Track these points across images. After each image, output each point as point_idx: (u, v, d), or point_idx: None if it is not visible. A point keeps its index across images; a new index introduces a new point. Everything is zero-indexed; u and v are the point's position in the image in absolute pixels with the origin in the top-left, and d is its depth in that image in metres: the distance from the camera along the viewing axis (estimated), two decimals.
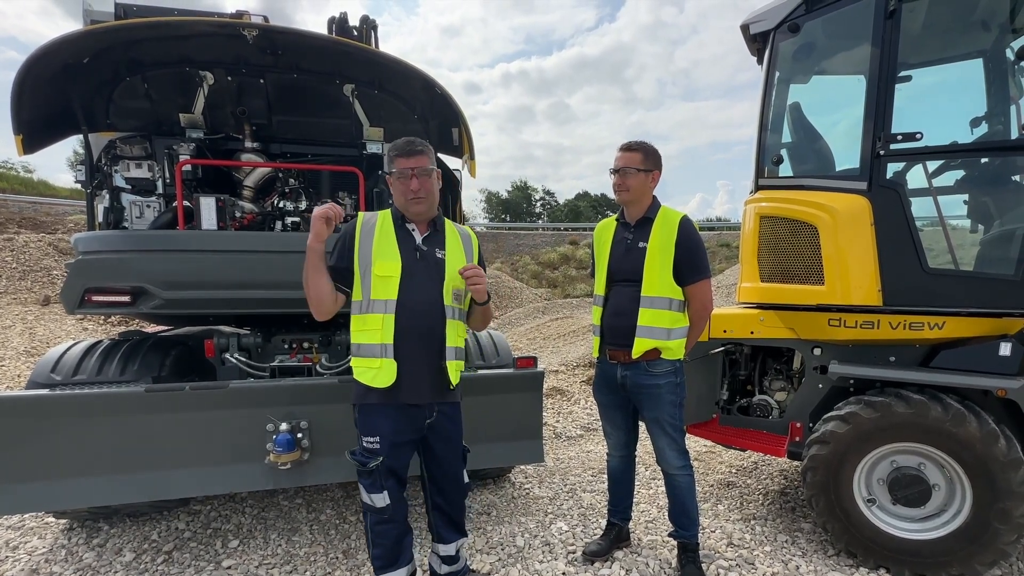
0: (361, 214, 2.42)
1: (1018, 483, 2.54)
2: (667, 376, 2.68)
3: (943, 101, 3.67)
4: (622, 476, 3.07)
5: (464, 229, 2.61)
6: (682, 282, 2.66)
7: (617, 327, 2.73)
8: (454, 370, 2.41)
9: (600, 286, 2.84)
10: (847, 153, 3.15)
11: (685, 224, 2.66)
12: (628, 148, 2.71)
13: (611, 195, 2.82)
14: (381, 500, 2.33)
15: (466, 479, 2.59)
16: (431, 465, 2.53)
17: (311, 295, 2.31)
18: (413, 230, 2.41)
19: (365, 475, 2.32)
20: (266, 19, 3.26)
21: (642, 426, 2.95)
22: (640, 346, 2.64)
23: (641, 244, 2.68)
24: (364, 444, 2.32)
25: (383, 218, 2.41)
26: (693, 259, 2.65)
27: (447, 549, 2.61)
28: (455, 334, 2.42)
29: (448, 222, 2.55)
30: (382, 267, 2.30)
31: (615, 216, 2.90)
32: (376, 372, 2.27)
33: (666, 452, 2.76)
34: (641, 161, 2.68)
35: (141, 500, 2.92)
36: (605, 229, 2.90)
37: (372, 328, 2.29)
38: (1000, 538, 2.58)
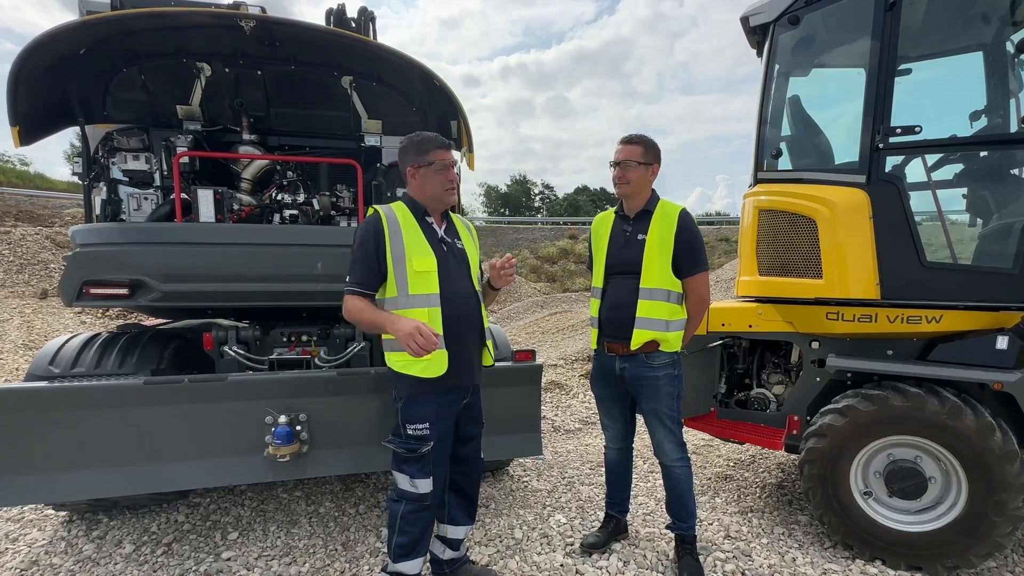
0: (379, 209, 2.38)
1: (1013, 475, 2.56)
2: (665, 368, 2.69)
3: (943, 94, 3.67)
4: (620, 469, 3.08)
5: (465, 219, 2.69)
6: (680, 274, 2.67)
7: (615, 319, 2.73)
8: (491, 348, 2.56)
9: (598, 278, 2.85)
10: (846, 146, 3.15)
11: (684, 217, 2.67)
12: (629, 141, 2.72)
13: (611, 189, 2.82)
14: (426, 486, 2.36)
15: (482, 455, 2.69)
16: (459, 446, 2.58)
17: (362, 326, 2.41)
18: (432, 223, 2.44)
19: (413, 461, 2.35)
20: (263, 10, 3.24)
21: (640, 419, 2.97)
22: (639, 338, 2.64)
23: (640, 236, 2.69)
24: (410, 431, 2.34)
25: (402, 212, 2.40)
26: (692, 252, 2.65)
27: (456, 532, 2.64)
28: (486, 316, 2.53)
29: (451, 213, 2.61)
30: (420, 262, 2.31)
31: (613, 209, 2.90)
32: (427, 364, 2.30)
33: (664, 444, 2.77)
34: (641, 154, 2.69)
35: (140, 492, 2.92)
36: (603, 222, 2.91)
37: None
38: (995, 530, 2.60)
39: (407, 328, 2.15)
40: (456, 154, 3.84)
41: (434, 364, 2.30)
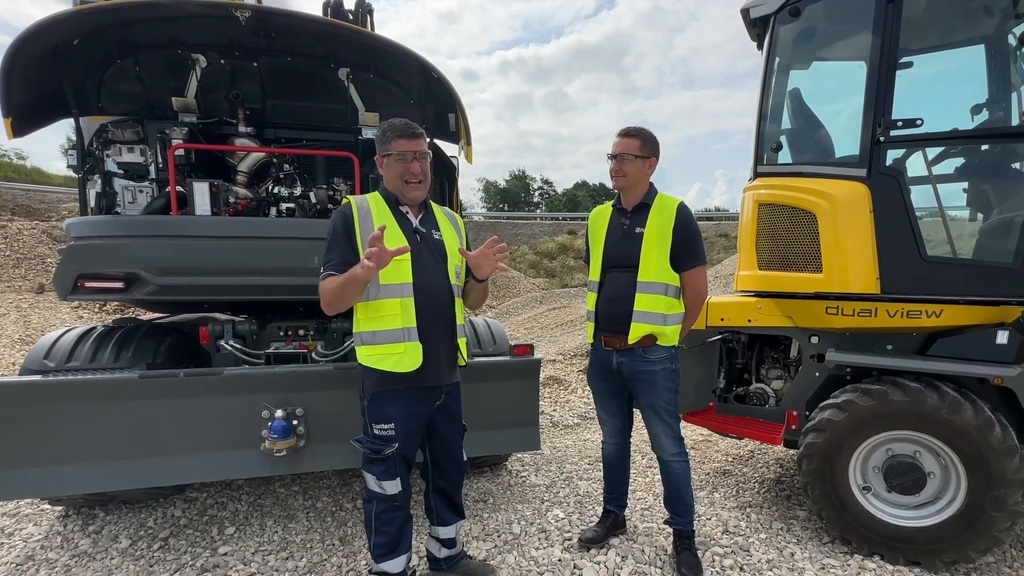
0: (352, 199, 2.33)
1: (1013, 470, 2.55)
2: (663, 362, 2.68)
3: (944, 88, 3.65)
4: (617, 463, 3.07)
5: (450, 211, 2.61)
6: (678, 268, 2.65)
7: (613, 313, 2.72)
8: (464, 347, 2.46)
9: (595, 272, 2.83)
10: (847, 140, 3.13)
11: (683, 210, 2.65)
12: (626, 134, 2.69)
13: (610, 184, 2.80)
14: (393, 487, 2.31)
15: (464, 457, 2.62)
16: (435, 447, 2.53)
17: (338, 305, 2.19)
18: (407, 213, 2.38)
19: (378, 462, 2.29)
20: (259, 0, 3.21)
21: (637, 414, 2.95)
22: (636, 331, 2.63)
23: (638, 230, 2.67)
24: (376, 431, 2.28)
25: (375, 201, 2.34)
26: (690, 245, 2.64)
27: (447, 531, 2.62)
28: (460, 312, 2.44)
29: (433, 204, 2.54)
30: (402, 256, 2.21)
31: (611, 202, 2.88)
32: (400, 357, 2.22)
33: (661, 439, 2.76)
34: (639, 148, 2.66)
35: (136, 487, 2.91)
36: (601, 215, 2.89)
37: (389, 313, 2.23)
38: (994, 525, 2.59)
39: (363, 260, 2.03)
40: (452, 147, 3.83)
41: (407, 358, 2.22)
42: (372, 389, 2.28)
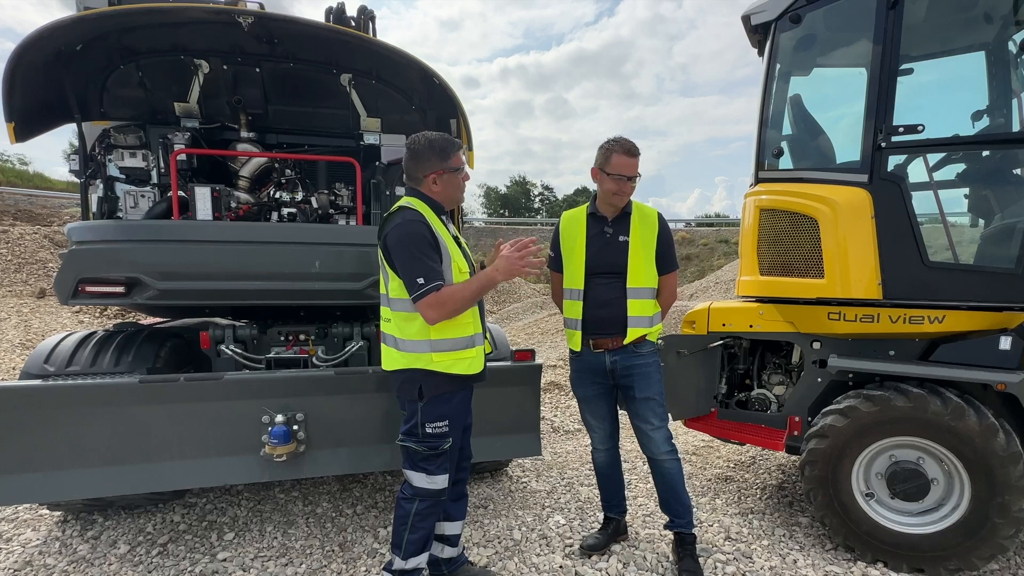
0: (416, 206, 2.32)
1: (1017, 477, 2.54)
2: (652, 355, 2.82)
3: (945, 94, 3.65)
4: (610, 470, 3.07)
5: None
6: (659, 273, 2.80)
7: (605, 317, 2.77)
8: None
9: (577, 279, 2.82)
10: (848, 145, 3.13)
11: (662, 220, 2.83)
12: (635, 154, 2.72)
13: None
14: (443, 481, 2.38)
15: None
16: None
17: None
18: (446, 222, 2.46)
19: (433, 458, 2.35)
20: (262, 7, 3.22)
21: (624, 420, 2.99)
22: (632, 335, 2.74)
23: (622, 238, 2.75)
24: (428, 430, 2.33)
25: (427, 211, 2.33)
26: (669, 252, 2.83)
27: (453, 528, 2.64)
28: None
29: None
30: (462, 263, 2.37)
31: (583, 207, 2.90)
32: (471, 361, 2.37)
33: (655, 436, 2.77)
34: (639, 166, 2.74)
35: (136, 492, 2.89)
36: (574, 221, 2.90)
37: (464, 321, 2.35)
38: (998, 532, 2.58)
39: (508, 263, 2.25)
40: None
41: (477, 361, 2.38)
42: (433, 392, 2.33)
